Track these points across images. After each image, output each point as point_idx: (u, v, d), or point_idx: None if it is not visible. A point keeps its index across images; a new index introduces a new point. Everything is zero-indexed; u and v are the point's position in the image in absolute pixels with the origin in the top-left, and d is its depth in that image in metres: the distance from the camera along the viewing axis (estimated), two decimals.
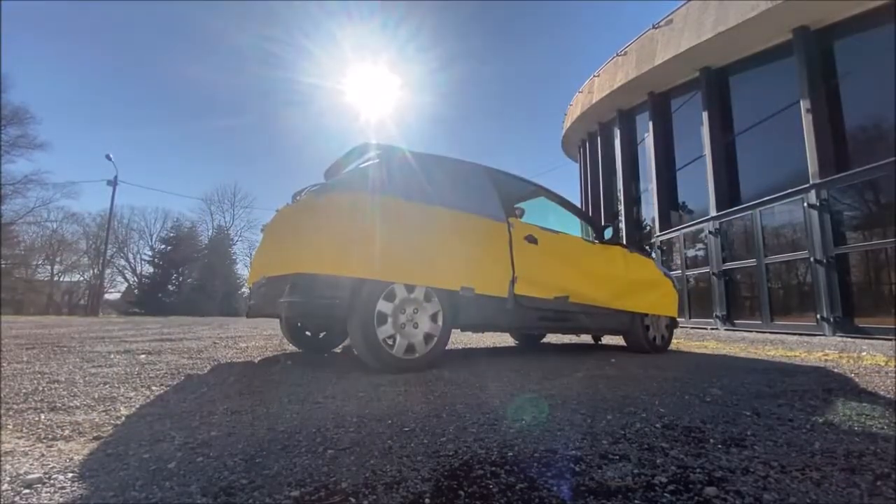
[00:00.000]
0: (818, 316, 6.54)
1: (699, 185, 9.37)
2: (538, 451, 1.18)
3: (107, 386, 1.98)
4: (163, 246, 33.19)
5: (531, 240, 3.04)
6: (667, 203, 10.64)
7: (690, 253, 9.69)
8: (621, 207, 12.70)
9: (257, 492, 0.92)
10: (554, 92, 59.90)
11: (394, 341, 2.37)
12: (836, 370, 2.75)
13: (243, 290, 33.18)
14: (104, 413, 1.53)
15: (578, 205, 7.55)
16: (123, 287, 36.11)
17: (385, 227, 2.40)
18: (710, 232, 8.73)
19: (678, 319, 4.71)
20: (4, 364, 2.55)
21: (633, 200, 12.52)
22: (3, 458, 1.09)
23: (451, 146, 63.95)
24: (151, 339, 4.23)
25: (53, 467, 1.04)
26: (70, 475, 1.00)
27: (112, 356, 2.96)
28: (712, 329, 8.36)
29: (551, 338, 5.31)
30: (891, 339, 5.33)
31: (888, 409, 1.69)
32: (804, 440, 1.29)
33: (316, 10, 33.94)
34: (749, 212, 7.86)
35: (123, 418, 1.48)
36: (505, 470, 1.04)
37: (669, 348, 4.10)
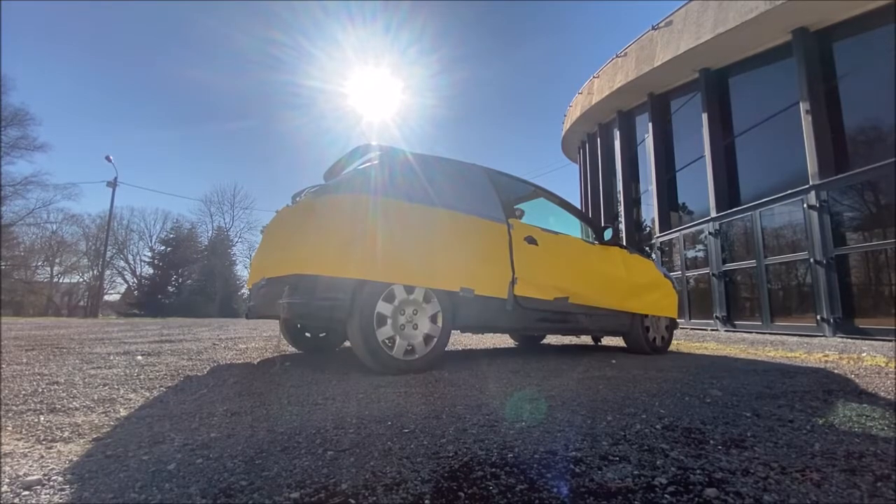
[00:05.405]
0: (818, 317, 6.54)
1: (699, 186, 9.37)
2: (538, 452, 1.18)
3: (106, 387, 1.97)
4: (162, 247, 33.21)
5: (531, 241, 3.04)
6: (666, 204, 10.64)
7: (690, 254, 9.70)
8: (621, 208, 12.71)
9: (257, 493, 0.92)
10: (554, 93, 60.27)
11: (393, 342, 2.37)
12: (836, 371, 2.75)
13: (243, 291, 33.18)
14: (104, 414, 1.53)
15: (578, 206, 7.55)
16: (123, 288, 36.18)
17: (384, 228, 2.40)
18: (709, 233, 8.73)
19: (678, 320, 4.71)
20: (4, 365, 2.55)
21: (633, 201, 12.52)
22: (2, 460, 1.09)
23: (453, 148, 64.09)
24: (151, 341, 4.23)
25: (53, 469, 1.04)
26: (69, 477, 1.00)
27: (111, 357, 2.96)
28: (712, 330, 8.35)
29: (551, 339, 5.31)
30: (891, 340, 5.32)
31: (888, 411, 1.69)
32: (804, 441, 1.29)
33: (318, 12, 33.98)
34: (749, 213, 7.87)
35: (123, 420, 1.47)
36: (505, 471, 1.04)
37: (669, 349, 4.10)
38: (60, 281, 33.24)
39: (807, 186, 6.85)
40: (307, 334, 3.42)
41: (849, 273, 6.38)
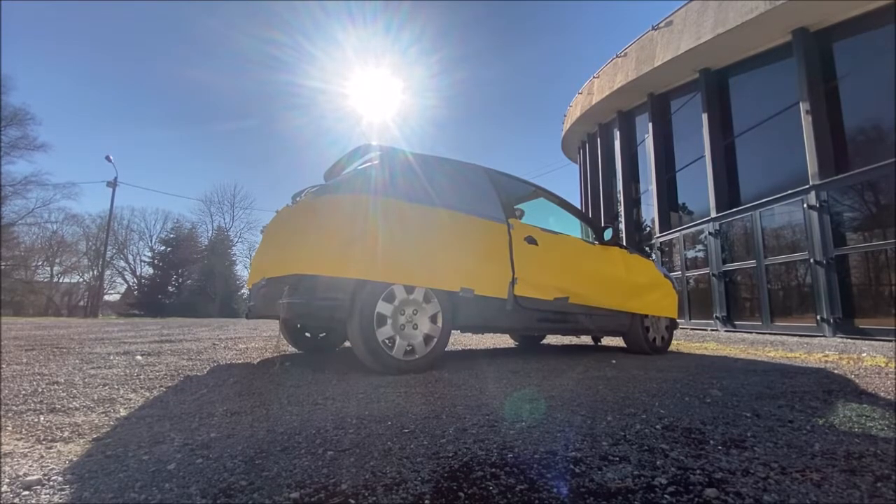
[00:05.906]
0: (818, 317, 6.54)
1: (699, 186, 9.37)
2: (538, 452, 1.17)
3: (106, 387, 1.97)
4: (162, 247, 33.20)
5: (531, 241, 3.04)
6: (667, 204, 10.64)
7: (690, 254, 9.70)
8: (621, 209, 12.71)
9: (257, 493, 0.92)
10: (554, 93, 60.33)
11: (393, 343, 2.37)
12: (836, 371, 2.75)
13: (243, 291, 33.17)
14: (103, 414, 1.53)
15: (578, 206, 7.56)
16: (123, 288, 36.18)
17: (385, 228, 2.40)
18: (709, 233, 8.73)
19: (678, 321, 4.71)
20: (4, 365, 2.55)
21: (633, 201, 12.53)
22: (2, 460, 1.09)
23: (453, 148, 64.03)
24: (151, 341, 4.23)
25: (53, 469, 1.04)
26: (69, 477, 1.00)
27: (111, 357, 2.96)
28: (712, 330, 8.35)
29: (551, 339, 5.30)
30: (891, 340, 5.32)
31: (888, 411, 1.69)
32: (804, 441, 1.29)
33: (318, 12, 33.92)
34: (749, 213, 7.87)
35: (123, 420, 1.47)
36: (505, 471, 1.04)
37: (669, 349, 4.10)
38: (60, 281, 33.24)
39: (807, 186, 6.85)
40: (307, 334, 3.42)
41: (849, 273, 6.38)
